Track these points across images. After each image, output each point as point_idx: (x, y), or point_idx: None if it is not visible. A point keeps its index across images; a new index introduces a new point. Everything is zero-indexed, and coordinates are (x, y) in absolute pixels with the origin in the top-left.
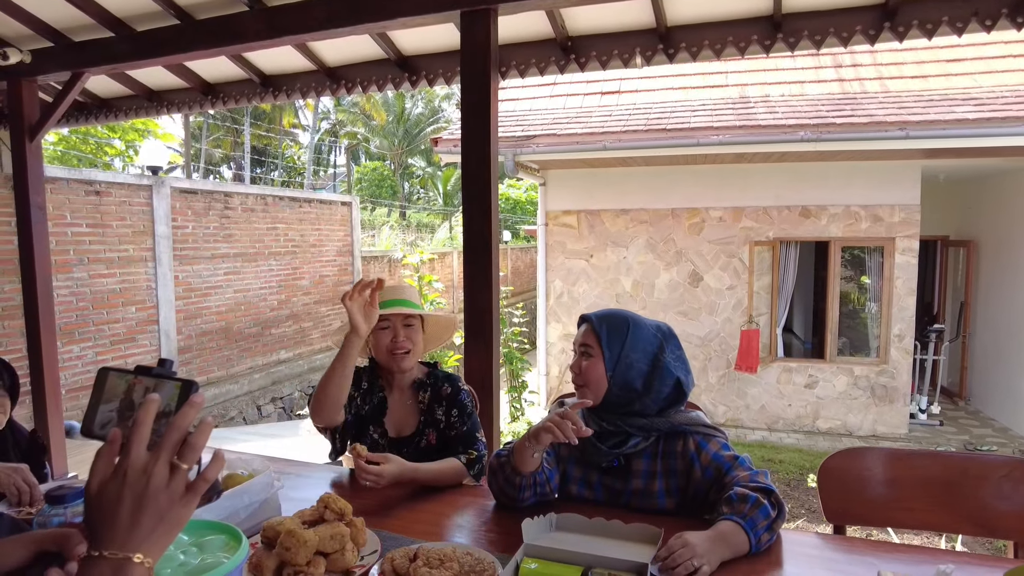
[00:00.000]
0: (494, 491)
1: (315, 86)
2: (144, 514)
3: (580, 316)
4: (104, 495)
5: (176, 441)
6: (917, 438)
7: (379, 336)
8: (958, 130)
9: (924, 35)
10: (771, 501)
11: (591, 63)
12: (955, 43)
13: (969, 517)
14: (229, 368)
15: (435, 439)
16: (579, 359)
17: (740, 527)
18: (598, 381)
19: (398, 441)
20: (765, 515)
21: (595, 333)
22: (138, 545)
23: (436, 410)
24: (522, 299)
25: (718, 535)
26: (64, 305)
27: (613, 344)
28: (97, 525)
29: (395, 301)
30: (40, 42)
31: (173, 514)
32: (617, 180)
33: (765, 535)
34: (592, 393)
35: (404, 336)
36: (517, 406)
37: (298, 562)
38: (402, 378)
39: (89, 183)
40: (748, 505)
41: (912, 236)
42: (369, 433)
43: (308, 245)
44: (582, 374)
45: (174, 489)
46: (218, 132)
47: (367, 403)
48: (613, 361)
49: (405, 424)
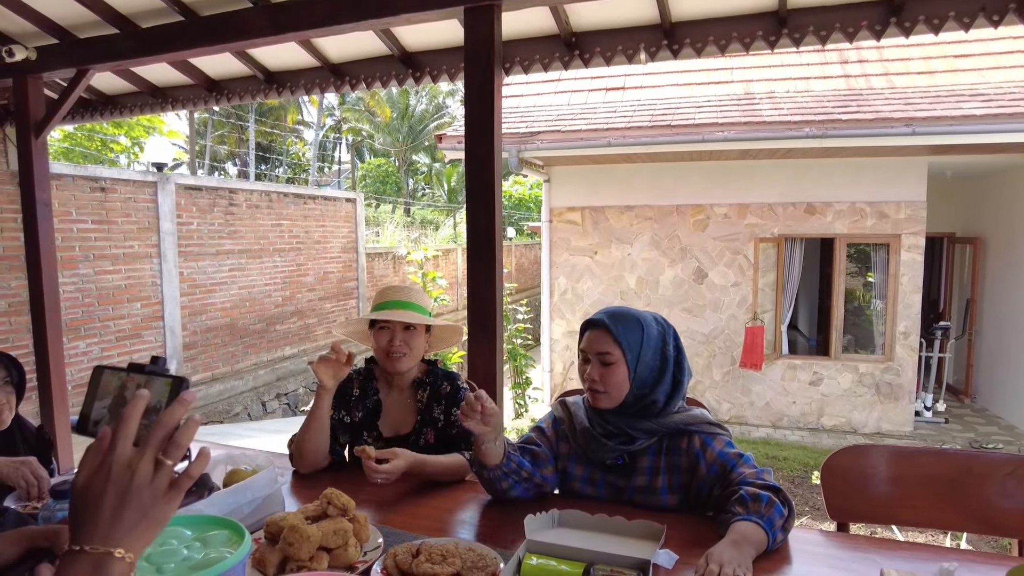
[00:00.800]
0: (483, 484)
1: (319, 82)
2: (127, 509)
3: (587, 321)
4: (88, 490)
5: (162, 437)
6: (922, 436)
7: (377, 336)
8: (965, 126)
9: (931, 30)
10: (781, 500)
11: (595, 59)
12: (962, 38)
13: (973, 515)
14: (234, 364)
15: (434, 438)
16: (596, 366)
17: (759, 526)
18: (620, 386)
19: (395, 441)
20: (780, 514)
21: (614, 338)
22: (119, 540)
23: (434, 409)
24: (526, 296)
25: (741, 537)
26: (70, 301)
27: (632, 346)
28: (80, 520)
29: (399, 303)
30: (45, 39)
31: (156, 510)
32: (622, 176)
33: (781, 535)
34: (612, 398)
35: (401, 340)
36: (521, 403)
37: (301, 557)
38: (401, 377)
39: (94, 180)
40: (763, 504)
41: (918, 233)
42: (363, 438)
43: (312, 242)
44: (602, 381)
45: (158, 485)
46: (223, 129)
47: (360, 409)
48: (634, 363)
49: (402, 423)
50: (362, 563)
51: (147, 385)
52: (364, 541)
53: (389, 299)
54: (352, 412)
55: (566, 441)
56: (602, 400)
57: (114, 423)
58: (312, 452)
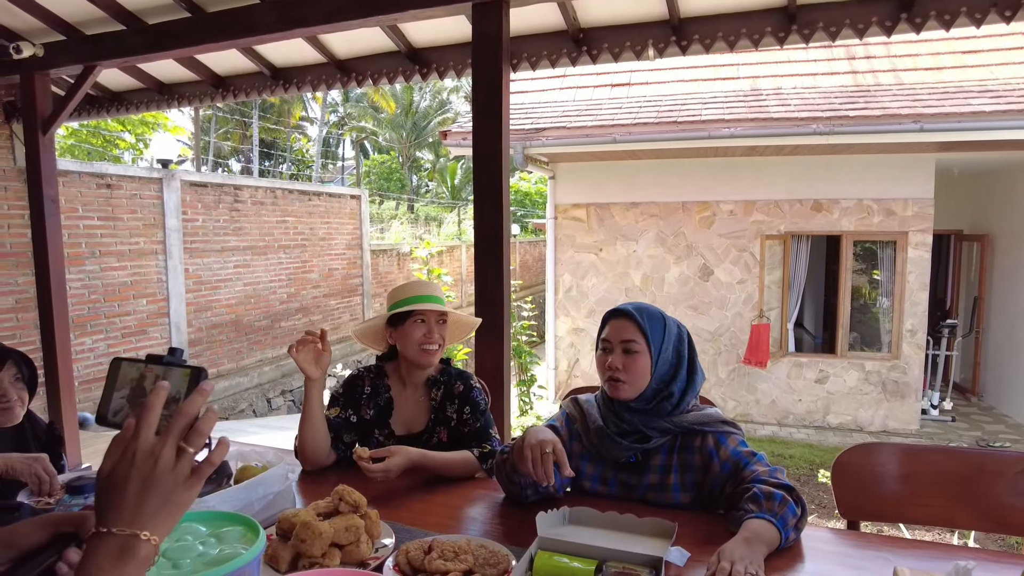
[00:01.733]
0: (501, 483)
1: (325, 79)
2: (150, 494)
3: (612, 310)
4: (113, 476)
5: (183, 426)
6: (928, 434)
7: (412, 329)
8: (974, 123)
9: (942, 26)
10: (794, 499)
11: (603, 55)
12: (971, 34)
13: (984, 513)
14: (239, 361)
15: (447, 437)
16: (619, 354)
17: (771, 524)
18: (641, 376)
19: (407, 439)
20: (792, 513)
21: (640, 328)
22: (144, 523)
23: (448, 408)
24: (531, 293)
25: (753, 535)
26: (76, 298)
27: (656, 337)
28: (105, 504)
29: (430, 297)
30: (52, 36)
31: (178, 495)
32: (627, 173)
33: (793, 533)
34: (632, 388)
35: (438, 332)
36: (526, 400)
37: (313, 554)
38: (418, 374)
39: (100, 176)
40: (776, 503)
41: (925, 230)
42: (375, 436)
43: (317, 238)
44: (625, 370)
45: (180, 472)
46: (227, 125)
47: (371, 407)
48: (656, 356)
49: (415, 421)
50: (374, 559)
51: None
52: (376, 537)
53: (415, 294)
54: (363, 410)
55: (578, 440)
56: (623, 390)
57: (137, 410)
58: (312, 451)
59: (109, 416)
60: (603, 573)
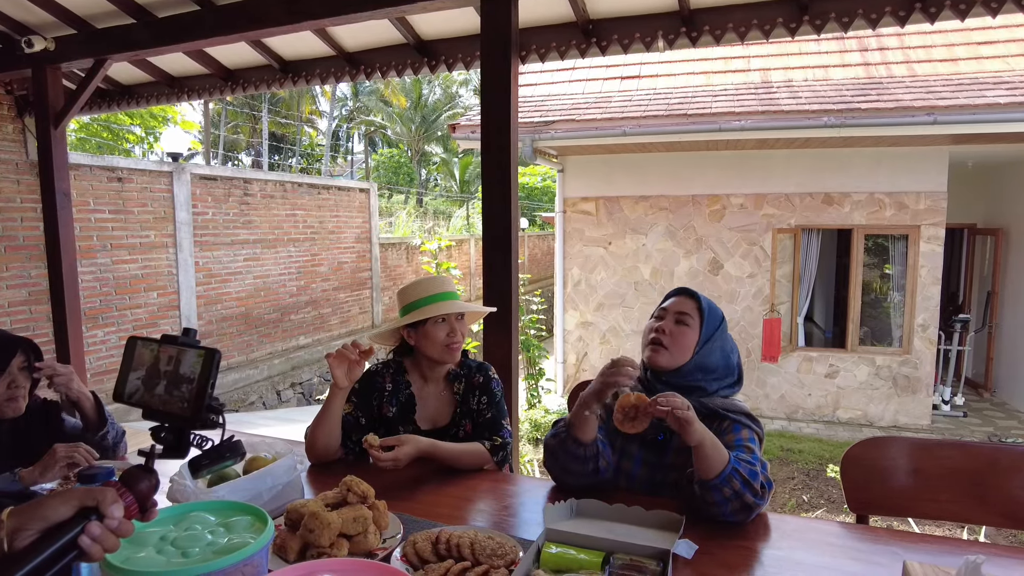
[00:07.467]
0: (555, 472)
1: (334, 71)
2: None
3: (678, 288)
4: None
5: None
6: (940, 430)
7: (434, 330)
8: (989, 115)
9: (957, 16)
10: (760, 484)
11: (612, 47)
12: (986, 24)
13: (997, 509)
14: (249, 353)
15: (471, 428)
16: (671, 323)
17: (727, 454)
18: (684, 349)
19: (433, 433)
20: (745, 486)
21: (699, 307)
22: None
23: (471, 400)
24: (539, 286)
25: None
26: (88, 290)
27: (710, 325)
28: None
29: (446, 295)
30: (64, 29)
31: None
32: (636, 166)
33: (738, 483)
34: (671, 357)
35: (459, 329)
36: (534, 393)
37: (321, 544)
38: (439, 369)
39: (111, 170)
40: (746, 469)
41: (938, 224)
42: (399, 432)
43: (327, 232)
44: (671, 335)
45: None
46: (236, 119)
47: (393, 404)
48: (706, 339)
49: (440, 415)
50: (381, 550)
51: (179, 356)
52: (384, 528)
53: (430, 293)
54: (385, 407)
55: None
56: (662, 355)
57: (152, 396)
58: (323, 448)
59: (125, 396)
60: (610, 565)
